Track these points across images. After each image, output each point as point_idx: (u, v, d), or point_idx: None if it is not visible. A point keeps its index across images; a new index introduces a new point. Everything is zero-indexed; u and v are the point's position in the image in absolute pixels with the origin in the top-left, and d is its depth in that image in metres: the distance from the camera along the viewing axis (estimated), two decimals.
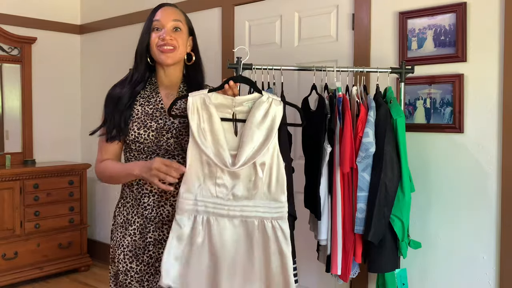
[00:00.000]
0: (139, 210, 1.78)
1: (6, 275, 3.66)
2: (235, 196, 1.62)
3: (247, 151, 1.60)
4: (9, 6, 4.11)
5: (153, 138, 1.74)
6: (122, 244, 1.80)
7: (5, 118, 4.08)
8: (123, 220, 1.82)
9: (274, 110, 1.66)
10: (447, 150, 2.42)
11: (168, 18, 1.76)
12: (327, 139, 2.13)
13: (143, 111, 1.77)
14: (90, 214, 4.48)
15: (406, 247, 2.17)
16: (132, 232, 1.79)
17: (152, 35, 1.75)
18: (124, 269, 1.80)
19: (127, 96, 1.76)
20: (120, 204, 1.85)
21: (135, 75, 1.80)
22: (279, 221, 1.61)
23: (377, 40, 2.64)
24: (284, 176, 1.64)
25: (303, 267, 2.92)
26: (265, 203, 1.62)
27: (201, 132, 1.62)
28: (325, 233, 2.18)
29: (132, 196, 1.79)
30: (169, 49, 1.74)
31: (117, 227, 1.84)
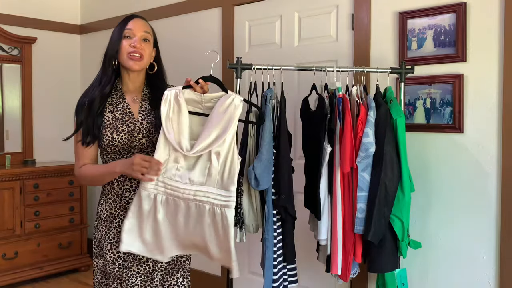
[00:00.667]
0: (122, 204, 1.93)
1: (6, 275, 3.67)
2: (191, 181, 1.81)
3: (204, 140, 1.78)
4: (9, 6, 4.11)
5: (126, 140, 1.90)
6: (108, 237, 1.94)
7: (5, 118, 4.08)
8: (106, 215, 1.95)
9: (233, 106, 1.84)
10: (447, 150, 2.42)
11: (139, 28, 1.92)
12: (327, 139, 2.13)
13: (113, 117, 1.92)
14: (90, 214, 4.47)
15: (406, 247, 2.17)
16: (117, 225, 1.93)
17: (123, 42, 1.91)
18: (111, 259, 1.93)
19: (98, 99, 1.89)
20: (103, 200, 1.98)
21: (103, 79, 1.93)
22: (225, 210, 1.79)
23: (377, 40, 2.64)
24: (236, 168, 1.81)
25: (303, 267, 2.92)
26: (216, 190, 1.80)
27: (168, 121, 1.81)
28: (325, 233, 2.18)
29: (114, 193, 1.94)
30: (137, 57, 1.90)
31: (100, 222, 1.97)
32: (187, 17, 3.60)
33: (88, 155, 1.92)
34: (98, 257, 1.98)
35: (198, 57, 3.52)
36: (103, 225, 1.96)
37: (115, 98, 1.95)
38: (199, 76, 1.93)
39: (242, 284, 3.29)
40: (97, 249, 1.99)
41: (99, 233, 1.97)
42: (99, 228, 1.97)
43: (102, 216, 1.96)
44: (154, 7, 3.82)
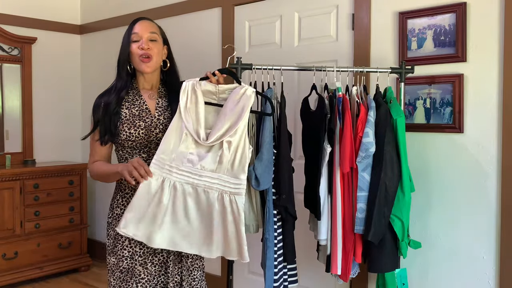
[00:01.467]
0: None
1: (6, 275, 3.67)
2: (202, 167, 1.87)
3: (219, 130, 1.86)
4: (9, 6, 4.11)
5: (143, 135, 1.96)
6: None
7: (5, 118, 4.08)
8: (124, 211, 1.96)
9: (246, 97, 1.92)
10: (447, 150, 2.42)
11: (145, 30, 1.97)
12: (327, 139, 2.13)
13: (130, 113, 1.98)
14: (90, 214, 4.48)
15: (406, 247, 2.17)
16: None
17: (132, 46, 1.97)
18: (130, 253, 1.96)
19: (114, 102, 1.96)
20: (119, 196, 2.01)
21: (118, 83, 2.01)
22: (236, 196, 1.86)
23: (377, 40, 2.64)
24: (247, 157, 1.89)
25: (303, 267, 2.93)
26: (226, 178, 1.87)
27: (186, 110, 1.89)
28: (325, 233, 2.18)
29: (131, 188, 1.98)
30: (147, 59, 1.96)
31: (116, 218, 1.99)
32: (187, 17, 3.60)
33: (101, 153, 2.00)
34: (111, 254, 1.99)
35: (198, 57, 3.52)
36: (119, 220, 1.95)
37: (132, 95, 2.02)
38: (200, 75, 1.97)
39: (242, 284, 3.29)
40: (110, 246, 2.00)
41: (115, 230, 1.96)
42: (115, 224, 1.98)
43: (119, 212, 1.99)
44: (154, 7, 3.82)
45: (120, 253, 1.96)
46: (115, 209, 2.01)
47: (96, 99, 2.03)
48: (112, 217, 2.02)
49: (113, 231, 1.99)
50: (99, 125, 1.97)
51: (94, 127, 1.99)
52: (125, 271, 1.96)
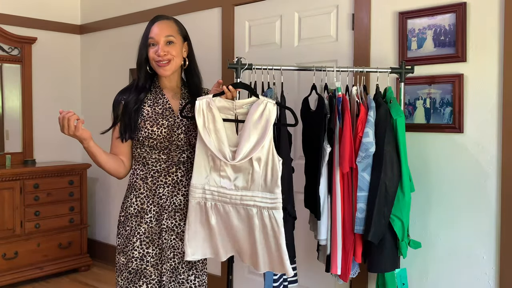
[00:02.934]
0: (155, 200, 1.96)
1: (6, 275, 3.67)
2: (236, 187, 1.87)
3: (245, 147, 1.82)
4: (9, 6, 4.11)
5: (165, 134, 1.94)
6: (138, 232, 1.95)
7: (5, 118, 4.08)
8: (137, 210, 1.96)
9: (268, 111, 1.86)
10: (447, 150, 2.42)
11: (161, 34, 1.94)
12: (326, 139, 2.13)
13: (153, 111, 1.96)
14: (90, 214, 4.48)
15: (406, 247, 2.17)
16: (148, 220, 1.96)
17: (149, 50, 1.95)
18: (140, 254, 1.94)
19: (133, 101, 1.95)
20: (132, 195, 1.98)
21: (139, 83, 1.99)
22: (274, 211, 1.84)
23: (377, 40, 2.64)
24: (278, 171, 1.84)
25: (303, 267, 2.93)
26: (262, 194, 1.85)
27: (206, 130, 1.85)
28: (325, 233, 2.18)
29: (147, 188, 1.97)
30: (164, 64, 1.94)
31: (129, 217, 1.97)
32: (187, 17, 3.60)
33: (119, 150, 2.00)
34: (121, 253, 1.97)
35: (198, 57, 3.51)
36: (132, 220, 1.95)
37: (154, 94, 2.01)
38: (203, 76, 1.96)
39: (242, 284, 3.29)
40: (121, 246, 1.98)
41: (127, 229, 1.96)
42: (127, 224, 1.96)
43: (132, 212, 1.96)
44: (154, 7, 3.82)
45: (130, 254, 1.94)
46: (128, 209, 1.98)
47: (117, 95, 2.01)
48: (125, 216, 1.98)
49: (125, 230, 1.97)
50: (118, 122, 1.97)
51: (113, 123, 1.99)
52: (134, 272, 1.94)
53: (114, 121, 1.98)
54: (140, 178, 1.97)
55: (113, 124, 1.99)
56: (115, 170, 1.98)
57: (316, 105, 2.25)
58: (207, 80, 2.08)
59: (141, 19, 3.85)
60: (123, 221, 1.99)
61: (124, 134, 1.95)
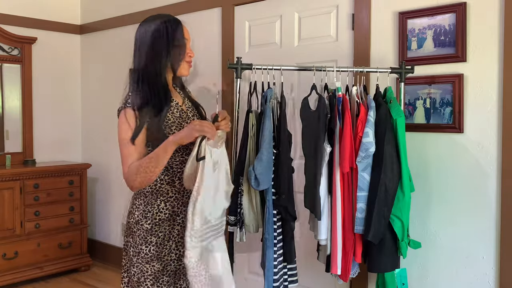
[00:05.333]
0: (184, 200, 1.93)
1: (6, 275, 3.67)
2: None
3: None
4: (9, 6, 4.11)
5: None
6: (173, 235, 1.92)
7: (5, 118, 4.08)
8: (169, 215, 1.92)
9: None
10: (447, 150, 2.42)
11: (189, 37, 1.97)
12: (327, 139, 2.13)
13: (173, 116, 1.90)
14: (90, 214, 4.48)
15: (406, 247, 2.17)
16: (180, 221, 1.93)
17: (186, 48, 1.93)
18: (177, 256, 1.93)
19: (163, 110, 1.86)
20: (160, 201, 1.91)
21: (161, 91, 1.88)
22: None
23: (377, 40, 2.64)
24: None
25: (303, 267, 2.93)
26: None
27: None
28: (325, 233, 2.18)
29: (175, 191, 1.92)
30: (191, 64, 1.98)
31: (160, 223, 1.91)
32: (187, 17, 3.60)
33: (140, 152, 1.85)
34: (155, 261, 1.90)
35: (198, 57, 3.52)
36: (165, 225, 1.91)
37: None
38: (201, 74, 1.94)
39: (242, 284, 3.29)
40: (152, 253, 1.90)
41: (160, 235, 1.90)
42: (159, 230, 1.90)
43: (163, 217, 1.91)
44: (154, 7, 3.82)
45: (168, 258, 1.91)
46: (157, 215, 1.90)
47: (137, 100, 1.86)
48: (153, 223, 1.90)
49: (158, 237, 1.90)
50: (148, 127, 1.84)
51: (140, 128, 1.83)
52: (173, 274, 1.92)
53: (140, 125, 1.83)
54: (167, 183, 1.91)
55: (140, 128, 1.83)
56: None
57: (316, 105, 2.25)
58: (207, 80, 2.07)
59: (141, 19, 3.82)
60: (151, 228, 1.90)
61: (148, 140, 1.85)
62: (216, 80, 3.35)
